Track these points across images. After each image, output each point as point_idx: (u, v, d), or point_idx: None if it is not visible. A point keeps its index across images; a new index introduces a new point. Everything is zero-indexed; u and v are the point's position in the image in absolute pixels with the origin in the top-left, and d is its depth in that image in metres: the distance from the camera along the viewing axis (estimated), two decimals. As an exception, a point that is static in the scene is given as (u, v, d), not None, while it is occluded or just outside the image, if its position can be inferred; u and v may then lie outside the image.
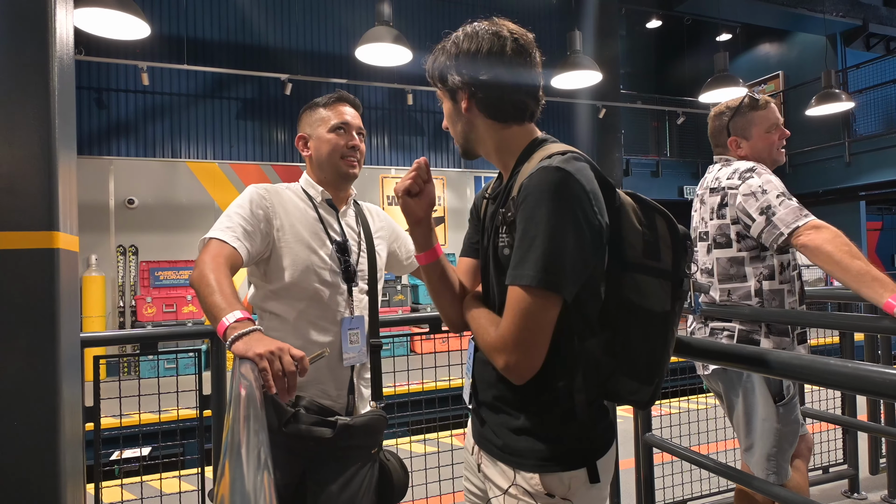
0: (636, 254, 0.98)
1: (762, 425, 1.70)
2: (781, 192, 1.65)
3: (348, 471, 1.39)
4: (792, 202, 1.63)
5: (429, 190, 1.10)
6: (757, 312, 1.71)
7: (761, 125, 1.83)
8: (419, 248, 1.13)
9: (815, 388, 2.94)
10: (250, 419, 0.68)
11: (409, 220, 1.11)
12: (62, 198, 1.53)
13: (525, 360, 0.91)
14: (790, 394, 1.71)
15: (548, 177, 0.89)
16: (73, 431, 1.56)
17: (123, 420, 1.92)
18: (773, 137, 1.84)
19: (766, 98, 1.85)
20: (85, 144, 6.93)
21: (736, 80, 6.54)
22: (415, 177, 1.08)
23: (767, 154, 1.85)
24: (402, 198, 1.08)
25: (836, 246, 1.49)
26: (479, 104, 1.02)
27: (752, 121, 1.84)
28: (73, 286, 1.61)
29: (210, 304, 1.12)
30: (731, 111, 1.86)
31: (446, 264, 1.14)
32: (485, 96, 1.01)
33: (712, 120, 1.93)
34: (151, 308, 6.42)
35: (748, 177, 1.72)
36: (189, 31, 7.54)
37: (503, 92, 1.01)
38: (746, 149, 1.85)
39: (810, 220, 1.58)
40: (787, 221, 1.59)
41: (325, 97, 1.51)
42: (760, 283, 1.74)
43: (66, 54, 1.60)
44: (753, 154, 1.85)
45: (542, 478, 0.96)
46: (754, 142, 1.84)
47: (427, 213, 1.11)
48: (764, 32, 10.95)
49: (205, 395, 1.99)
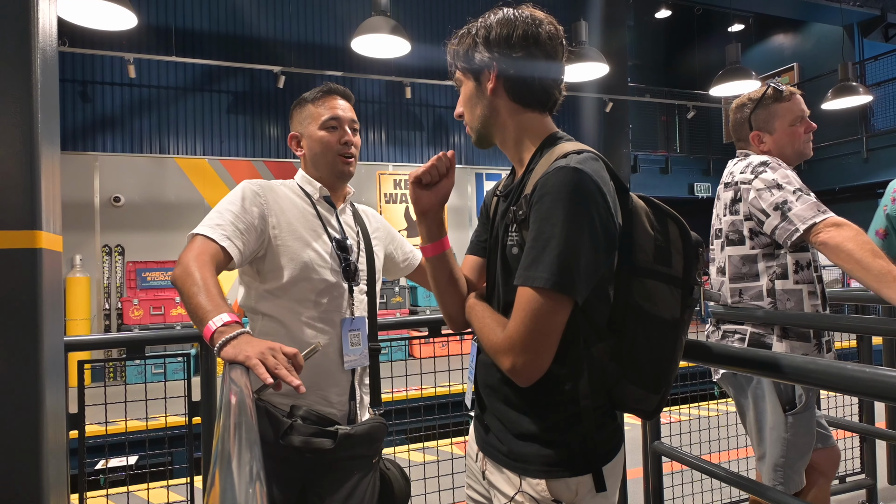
0: (647, 258, 0.99)
1: (770, 434, 1.69)
2: (798, 187, 1.63)
3: (350, 482, 1.38)
4: (810, 197, 1.60)
5: (444, 185, 1.11)
6: (770, 315, 1.70)
7: (785, 118, 1.79)
8: (424, 240, 1.14)
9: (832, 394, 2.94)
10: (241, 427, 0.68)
11: (416, 209, 1.12)
12: (45, 195, 1.52)
13: (533, 363, 0.92)
14: (803, 403, 1.68)
15: (565, 177, 0.90)
16: (56, 439, 1.56)
17: (109, 427, 1.91)
18: (799, 130, 1.79)
19: (790, 89, 1.80)
20: (69, 140, 6.93)
21: (748, 72, 6.54)
22: (430, 167, 1.09)
23: (792, 148, 1.80)
24: (412, 185, 1.10)
25: (857, 244, 1.46)
26: (506, 84, 1.04)
27: (776, 113, 1.79)
28: (56, 288, 1.61)
29: (195, 306, 1.10)
30: (753, 103, 1.82)
31: (452, 259, 1.15)
32: (515, 77, 1.03)
33: (733, 113, 1.89)
34: (138, 310, 6.42)
35: (761, 171, 1.70)
36: (177, 22, 7.53)
37: (534, 74, 1.03)
38: (770, 143, 1.81)
39: (829, 216, 1.55)
40: (804, 217, 1.57)
41: (313, 91, 1.50)
42: (773, 283, 1.71)
43: (49, 45, 1.59)
44: (777, 149, 1.80)
45: (549, 484, 0.97)
46: (778, 136, 1.80)
47: (434, 206, 1.12)
48: (778, 22, 10.96)
49: (194, 402, 1.98)
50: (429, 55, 7.56)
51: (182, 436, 2.07)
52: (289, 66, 7.38)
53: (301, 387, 0.96)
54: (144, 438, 2.08)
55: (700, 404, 3.83)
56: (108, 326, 6.72)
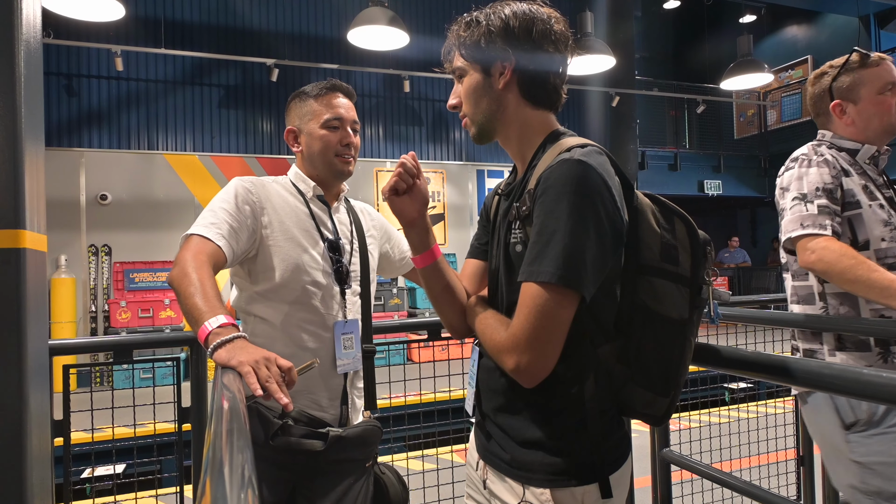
0: (653, 256, 1.00)
1: (833, 455, 1.54)
2: (804, 192, 1.55)
3: (341, 485, 1.39)
4: (805, 208, 1.53)
5: (419, 187, 1.10)
6: (783, 317, 1.69)
7: (873, 84, 1.62)
8: (415, 251, 1.13)
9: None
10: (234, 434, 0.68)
11: (402, 221, 1.12)
12: (29, 193, 1.52)
13: (538, 361, 0.92)
14: (875, 420, 1.46)
15: (569, 170, 0.91)
16: (40, 447, 1.56)
17: (95, 434, 1.91)
18: (889, 101, 1.63)
19: (879, 55, 1.67)
20: (53, 135, 6.92)
21: (761, 65, 6.55)
22: (400, 173, 1.09)
23: (880, 121, 1.64)
24: (390, 197, 1.09)
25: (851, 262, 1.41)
26: (520, 80, 1.04)
27: (862, 80, 1.63)
28: (40, 289, 1.61)
29: (190, 307, 1.11)
30: (836, 70, 1.68)
31: (446, 267, 1.15)
32: (532, 73, 1.04)
33: (811, 84, 1.75)
34: (126, 313, 6.42)
35: (790, 167, 1.64)
36: (167, 12, 7.53)
37: (549, 74, 1.04)
38: (853, 115, 1.65)
39: (811, 231, 1.48)
40: (785, 229, 1.53)
41: (316, 86, 1.50)
42: (822, 284, 1.60)
43: (34, 37, 1.59)
44: (862, 121, 1.65)
45: (554, 493, 0.97)
46: (864, 105, 1.64)
47: (420, 212, 1.11)
48: (791, 13, 10.95)
49: (184, 408, 1.98)
50: (428, 47, 7.57)
51: (171, 443, 2.07)
52: (283, 59, 7.37)
53: (290, 405, 0.97)
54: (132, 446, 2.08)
55: (710, 410, 3.83)
56: (95, 329, 6.72)
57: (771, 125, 11.22)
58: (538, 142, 1.06)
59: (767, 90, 11.02)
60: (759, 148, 11.23)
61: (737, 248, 11.04)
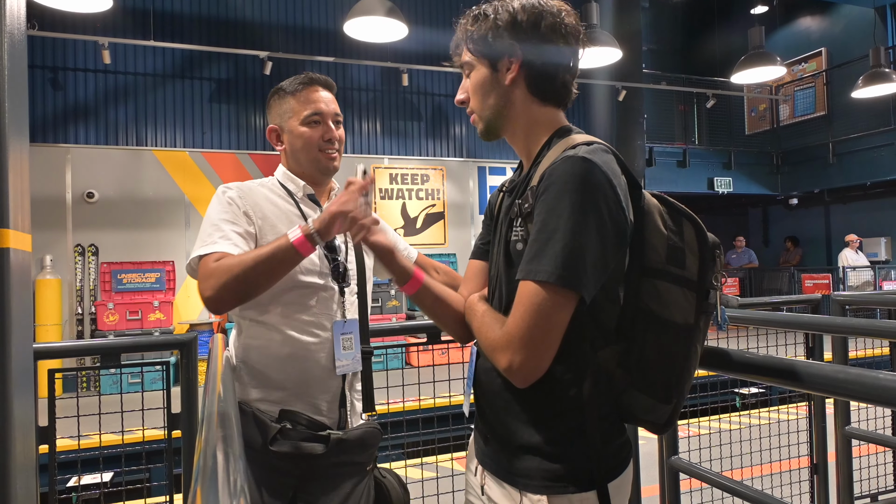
0: (659, 258, 1.00)
1: None
2: None
3: (342, 489, 1.41)
4: None
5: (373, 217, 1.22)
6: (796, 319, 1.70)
7: None
8: (401, 280, 1.16)
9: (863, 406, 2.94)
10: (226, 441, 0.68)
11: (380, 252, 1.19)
12: (13, 191, 1.52)
13: (531, 361, 0.93)
14: None
15: (573, 167, 0.91)
16: (24, 454, 1.56)
17: (82, 441, 1.92)
18: None
19: None
20: (38, 131, 6.93)
21: (773, 57, 6.54)
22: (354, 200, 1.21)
23: None
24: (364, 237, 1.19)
25: None
26: (528, 76, 1.05)
27: None
28: (24, 290, 1.60)
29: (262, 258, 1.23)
30: None
31: (434, 285, 1.16)
32: (540, 69, 1.04)
33: None
34: (113, 315, 6.42)
35: None
36: (156, 3, 7.53)
37: (558, 70, 1.05)
38: None
39: None
40: None
41: (293, 82, 1.50)
42: None
43: (18, 29, 1.59)
44: None
45: (551, 500, 0.98)
46: None
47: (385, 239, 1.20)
48: (804, 4, 10.96)
49: (174, 414, 1.99)
50: (428, 39, 7.56)
51: (161, 451, 2.07)
52: (276, 52, 7.38)
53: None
54: (120, 453, 2.08)
55: (721, 416, 3.83)
56: (81, 332, 6.71)
57: (783, 120, 11.21)
58: (545, 137, 1.07)
59: (780, 84, 11.00)
60: (771, 144, 11.21)
61: (744, 248, 11.00)
